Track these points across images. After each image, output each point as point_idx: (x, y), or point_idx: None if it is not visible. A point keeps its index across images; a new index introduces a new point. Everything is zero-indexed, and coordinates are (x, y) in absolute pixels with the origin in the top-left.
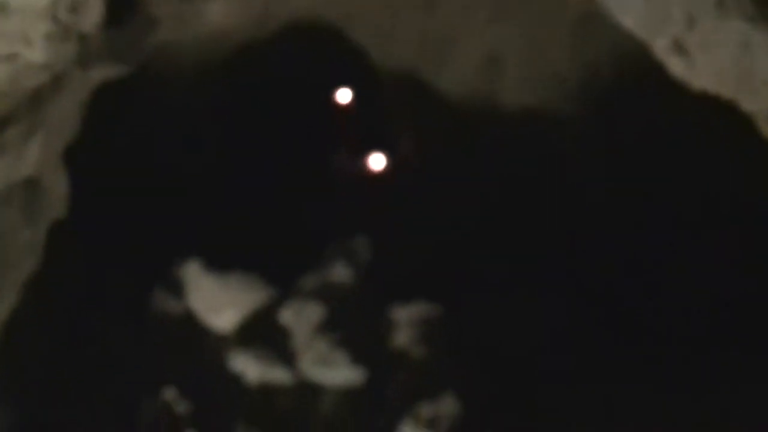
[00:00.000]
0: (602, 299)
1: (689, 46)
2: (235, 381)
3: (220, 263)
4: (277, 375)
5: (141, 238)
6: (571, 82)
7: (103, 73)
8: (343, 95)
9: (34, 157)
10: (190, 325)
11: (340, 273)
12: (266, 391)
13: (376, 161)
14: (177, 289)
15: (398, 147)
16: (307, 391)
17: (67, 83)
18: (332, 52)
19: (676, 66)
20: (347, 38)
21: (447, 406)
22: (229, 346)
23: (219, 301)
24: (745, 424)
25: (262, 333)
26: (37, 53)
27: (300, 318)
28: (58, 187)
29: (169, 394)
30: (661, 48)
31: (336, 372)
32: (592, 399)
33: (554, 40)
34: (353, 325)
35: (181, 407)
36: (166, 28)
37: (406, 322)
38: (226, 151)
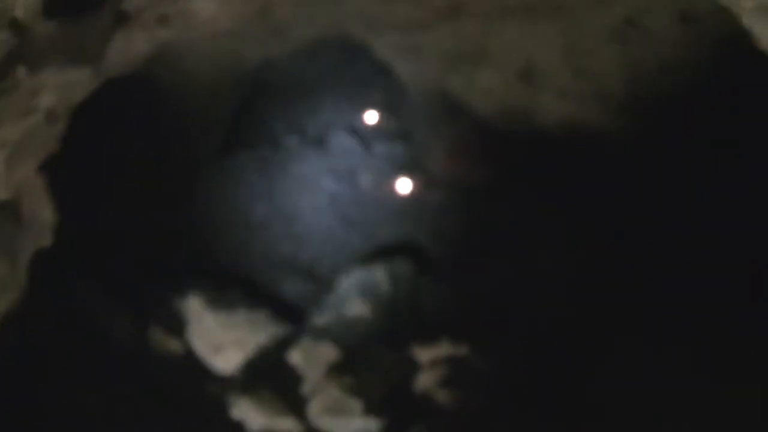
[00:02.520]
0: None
1: None
2: (236, 429)
3: (223, 298)
4: (284, 424)
5: (137, 268)
6: (614, 95)
7: (58, 76)
8: (370, 113)
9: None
10: (190, 366)
11: (357, 309)
12: None
13: (403, 182)
14: (176, 325)
15: (427, 166)
16: None
17: (12, 85)
18: (356, 68)
19: None
20: (371, 54)
21: None
22: (231, 390)
23: (222, 340)
24: None
25: (268, 376)
26: None
27: (311, 359)
28: (41, 213)
29: None
30: None
31: (349, 421)
32: None
33: (594, 50)
34: (370, 368)
35: None
36: (145, 26)
37: (429, 363)
38: (235, 171)
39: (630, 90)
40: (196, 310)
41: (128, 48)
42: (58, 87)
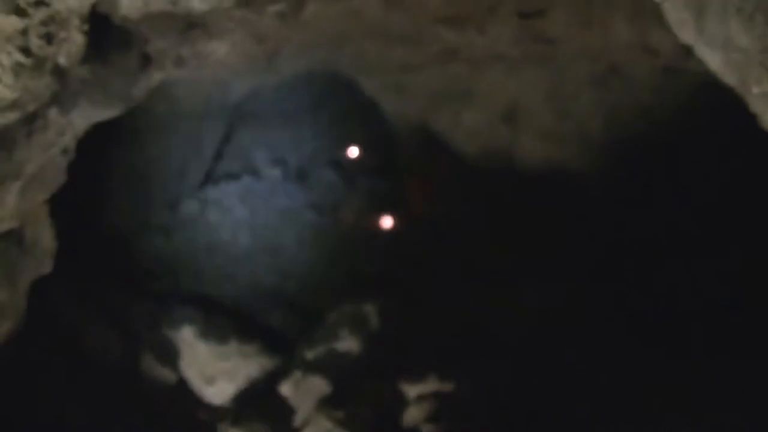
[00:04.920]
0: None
1: None
2: None
3: (215, 328)
4: None
5: (131, 296)
6: (594, 137)
7: (86, 115)
8: (354, 149)
9: (10, 209)
10: (182, 394)
11: (347, 342)
12: None
13: (387, 218)
14: (169, 354)
15: (410, 202)
16: None
17: (43, 125)
18: (344, 103)
19: None
20: (359, 90)
21: None
22: (222, 420)
23: (214, 370)
24: None
25: (259, 407)
26: (3, 88)
27: (301, 391)
28: (43, 241)
29: None
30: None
31: None
32: None
33: (576, 94)
34: (360, 401)
35: None
36: (163, 67)
37: (417, 398)
38: (228, 203)
39: (609, 132)
40: (189, 339)
41: (148, 87)
42: (82, 126)
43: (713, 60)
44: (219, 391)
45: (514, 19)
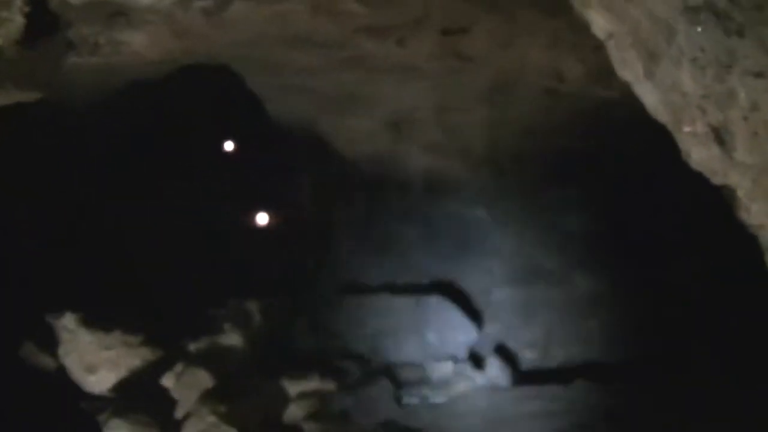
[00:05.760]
0: None
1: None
2: None
3: (100, 317)
4: None
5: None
6: (477, 151)
7: (9, 96)
8: (235, 145)
9: None
10: (62, 383)
11: (230, 338)
12: None
13: (270, 216)
14: (49, 342)
15: (293, 202)
16: None
17: None
18: (233, 98)
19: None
20: (248, 86)
21: None
22: (103, 410)
23: (96, 360)
24: None
25: (141, 398)
26: None
27: (185, 384)
28: None
29: None
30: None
31: None
32: None
33: (464, 109)
34: (243, 396)
35: None
36: (81, 53)
37: (299, 395)
38: (117, 193)
39: (493, 148)
40: (70, 327)
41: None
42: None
43: (650, 98)
44: (100, 380)
45: (436, 35)
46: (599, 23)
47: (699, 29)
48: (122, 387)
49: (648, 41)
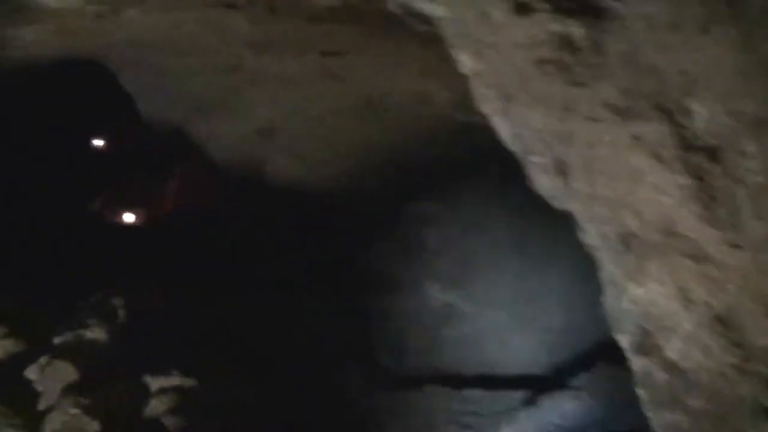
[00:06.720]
0: None
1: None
2: None
3: None
4: None
5: None
6: (345, 162)
7: None
8: (105, 139)
9: None
10: None
11: (95, 332)
12: None
13: (136, 211)
14: None
15: (161, 198)
16: None
17: None
18: (106, 93)
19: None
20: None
21: None
22: None
23: None
24: None
25: (3, 390)
26: None
27: (48, 377)
28: None
29: None
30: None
31: None
32: None
33: (336, 121)
34: (106, 390)
35: None
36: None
37: (159, 390)
38: None
39: (360, 159)
40: None
41: None
42: None
43: (505, 130)
44: None
45: (316, 55)
46: (466, 62)
47: (547, 78)
48: None
49: (506, 84)
